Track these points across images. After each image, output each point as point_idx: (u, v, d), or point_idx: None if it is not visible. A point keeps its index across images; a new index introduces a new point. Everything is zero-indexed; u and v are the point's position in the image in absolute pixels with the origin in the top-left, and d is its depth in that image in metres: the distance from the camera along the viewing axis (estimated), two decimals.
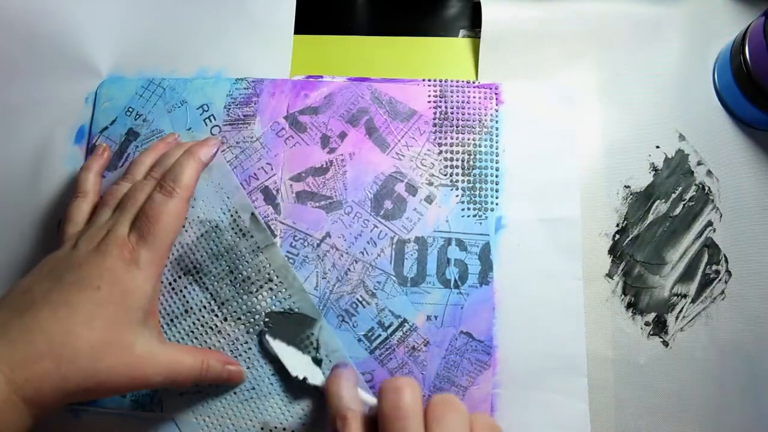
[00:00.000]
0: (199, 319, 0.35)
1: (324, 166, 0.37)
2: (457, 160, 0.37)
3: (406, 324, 0.35)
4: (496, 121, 0.38)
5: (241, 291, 0.35)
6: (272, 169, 0.37)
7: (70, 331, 0.28)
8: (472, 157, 0.37)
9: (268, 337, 0.33)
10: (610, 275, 0.36)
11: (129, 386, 0.29)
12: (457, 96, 0.38)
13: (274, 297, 0.35)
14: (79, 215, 0.34)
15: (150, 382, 0.29)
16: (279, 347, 0.33)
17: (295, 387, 0.34)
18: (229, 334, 0.35)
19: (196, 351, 0.32)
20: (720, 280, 0.36)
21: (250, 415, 0.34)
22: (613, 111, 0.38)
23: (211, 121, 0.38)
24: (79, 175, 0.36)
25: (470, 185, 0.37)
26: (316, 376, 0.33)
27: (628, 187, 0.37)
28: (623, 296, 0.36)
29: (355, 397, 0.29)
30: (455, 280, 0.35)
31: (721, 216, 0.36)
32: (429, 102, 0.38)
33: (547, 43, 0.39)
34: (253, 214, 0.36)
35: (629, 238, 0.36)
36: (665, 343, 0.35)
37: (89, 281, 0.29)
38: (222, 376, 0.33)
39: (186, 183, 0.33)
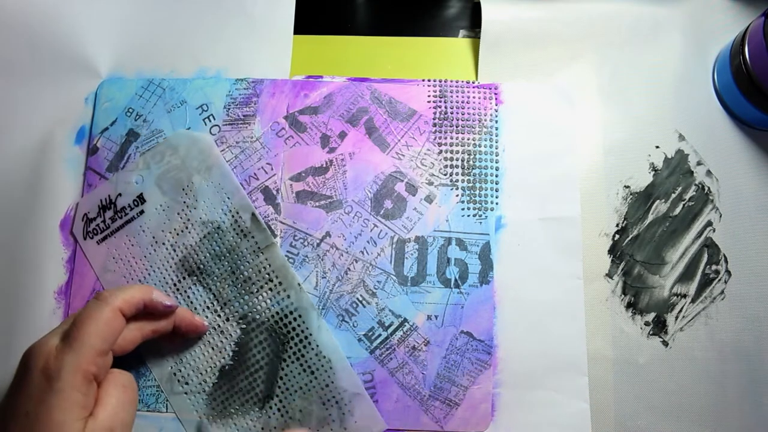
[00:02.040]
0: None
1: (324, 165, 0.37)
2: (457, 159, 0.37)
3: (406, 323, 0.35)
4: (496, 121, 0.38)
5: (243, 291, 0.35)
6: (272, 169, 0.37)
7: None
8: (471, 156, 0.37)
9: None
10: (609, 275, 0.36)
11: None
12: (457, 96, 0.38)
13: (273, 297, 0.35)
14: None
15: None
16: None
17: (296, 388, 0.34)
18: (231, 334, 0.35)
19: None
20: (720, 280, 0.36)
21: (251, 414, 0.34)
22: (612, 111, 0.38)
23: (210, 121, 0.38)
24: None
25: (470, 185, 0.37)
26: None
27: (628, 187, 0.37)
28: (623, 296, 0.36)
29: None
30: (455, 280, 0.35)
31: (720, 216, 0.36)
32: (429, 102, 0.38)
33: (547, 43, 0.39)
34: (253, 214, 0.36)
35: (629, 238, 0.36)
36: (665, 343, 0.35)
37: (18, 408, 0.27)
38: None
39: (123, 296, 0.30)
